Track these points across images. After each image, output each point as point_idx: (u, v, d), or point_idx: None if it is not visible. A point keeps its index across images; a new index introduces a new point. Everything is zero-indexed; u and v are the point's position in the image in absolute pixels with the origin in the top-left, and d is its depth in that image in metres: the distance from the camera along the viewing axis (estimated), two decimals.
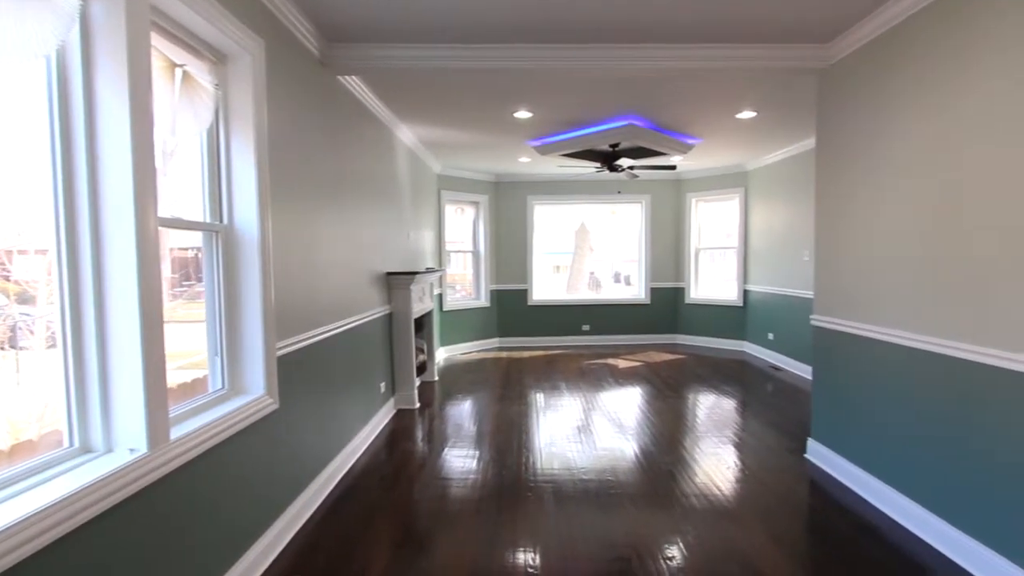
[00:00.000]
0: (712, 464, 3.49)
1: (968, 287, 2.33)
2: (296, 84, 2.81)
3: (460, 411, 4.75)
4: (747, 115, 4.70)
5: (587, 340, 8.16)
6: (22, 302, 1.60)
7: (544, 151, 5.77)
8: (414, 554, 2.47)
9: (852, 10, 2.80)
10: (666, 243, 8.17)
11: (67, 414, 1.58)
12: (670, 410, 4.72)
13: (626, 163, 5.96)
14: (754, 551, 2.47)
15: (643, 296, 8.25)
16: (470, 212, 7.85)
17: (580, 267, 9.44)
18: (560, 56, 3.22)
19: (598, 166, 6.07)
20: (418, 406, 4.85)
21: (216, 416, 2.04)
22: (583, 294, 8.84)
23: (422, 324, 5.68)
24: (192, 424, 1.94)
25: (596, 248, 9.07)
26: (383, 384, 4.41)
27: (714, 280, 7.96)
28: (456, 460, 3.59)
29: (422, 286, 5.31)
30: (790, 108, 4.51)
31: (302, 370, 2.81)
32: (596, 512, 2.86)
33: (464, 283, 7.94)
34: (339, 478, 3.29)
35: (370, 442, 3.93)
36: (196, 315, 2.31)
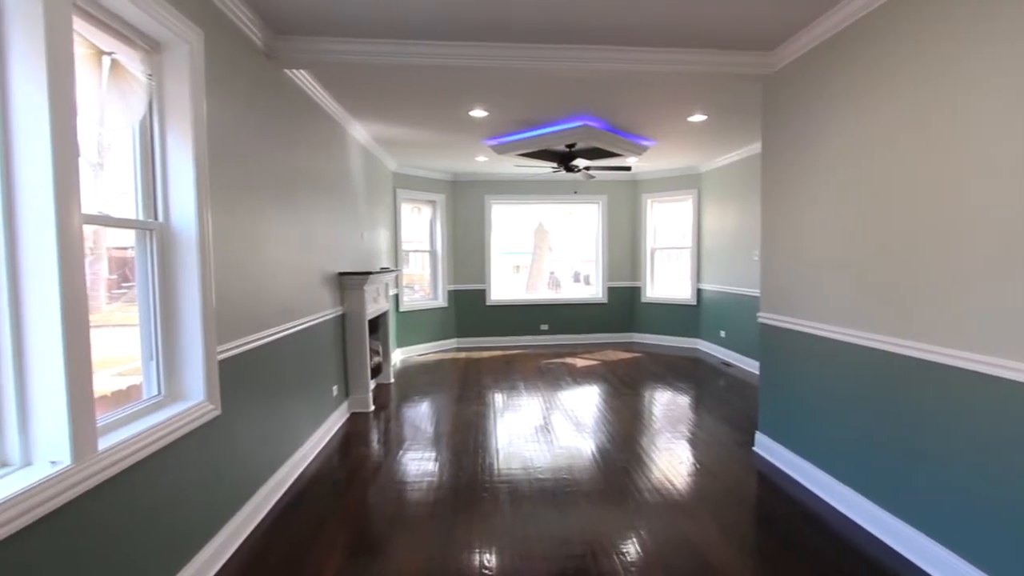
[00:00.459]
0: (666, 460, 3.55)
1: (890, 284, 2.48)
2: (240, 77, 2.70)
3: (416, 413, 4.68)
4: (698, 118, 4.82)
5: (546, 340, 8.20)
6: None
7: (501, 150, 5.76)
8: (367, 559, 2.41)
9: (795, 20, 2.90)
10: (623, 243, 8.30)
11: None
12: (626, 408, 4.79)
13: (582, 163, 6.01)
14: (704, 542, 2.52)
15: (601, 295, 8.35)
16: (427, 211, 7.76)
17: (540, 267, 9.48)
18: (512, 55, 3.22)
19: (555, 166, 6.10)
20: (373, 409, 4.76)
21: (150, 424, 1.93)
22: (542, 294, 8.88)
23: (377, 325, 5.58)
24: (124, 433, 1.83)
25: (555, 248, 9.13)
26: (336, 387, 4.30)
27: (669, 279, 8.14)
28: (411, 463, 3.53)
29: (376, 286, 5.21)
30: (739, 113, 4.64)
31: (247, 374, 2.71)
32: (552, 511, 2.86)
33: (423, 283, 7.85)
34: (289, 484, 3.18)
35: (322, 447, 3.82)
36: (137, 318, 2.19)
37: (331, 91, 3.99)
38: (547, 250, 9.33)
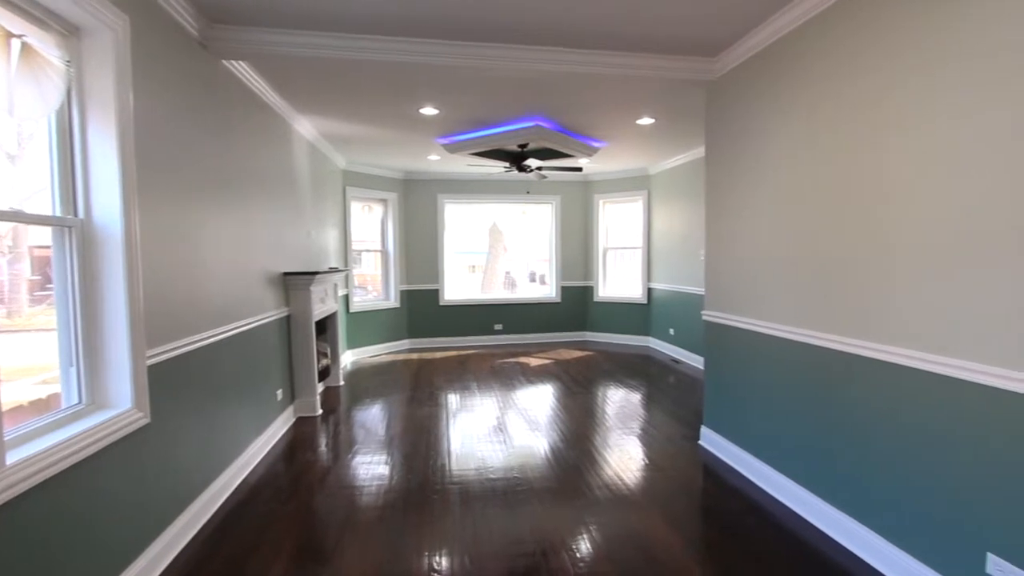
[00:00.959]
0: (616, 456, 3.60)
1: (821, 283, 2.60)
2: (172, 67, 2.57)
3: (367, 416, 4.58)
4: (646, 121, 4.92)
5: (499, 339, 8.20)
6: None
7: (453, 149, 5.71)
8: (313, 565, 2.34)
9: (736, 28, 2.99)
10: (576, 243, 8.39)
11: None
12: (578, 406, 4.84)
13: (535, 164, 6.04)
14: (651, 535, 2.57)
15: (554, 295, 8.42)
16: (378, 210, 7.62)
17: (495, 267, 9.47)
18: (461, 53, 3.19)
19: (507, 166, 6.10)
20: (320, 413, 4.62)
21: (70, 434, 1.81)
22: (496, 293, 8.87)
23: (325, 327, 5.43)
24: (39, 445, 1.71)
25: (510, 248, 9.14)
26: (280, 391, 4.15)
27: (621, 279, 8.28)
28: (360, 467, 3.45)
29: (324, 287, 5.07)
30: (686, 117, 4.77)
31: (182, 379, 2.58)
32: (504, 511, 2.85)
33: (375, 283, 7.70)
34: (229, 492, 3.05)
35: (265, 453, 3.68)
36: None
37: (274, 85, 3.85)
38: (502, 250, 9.33)
